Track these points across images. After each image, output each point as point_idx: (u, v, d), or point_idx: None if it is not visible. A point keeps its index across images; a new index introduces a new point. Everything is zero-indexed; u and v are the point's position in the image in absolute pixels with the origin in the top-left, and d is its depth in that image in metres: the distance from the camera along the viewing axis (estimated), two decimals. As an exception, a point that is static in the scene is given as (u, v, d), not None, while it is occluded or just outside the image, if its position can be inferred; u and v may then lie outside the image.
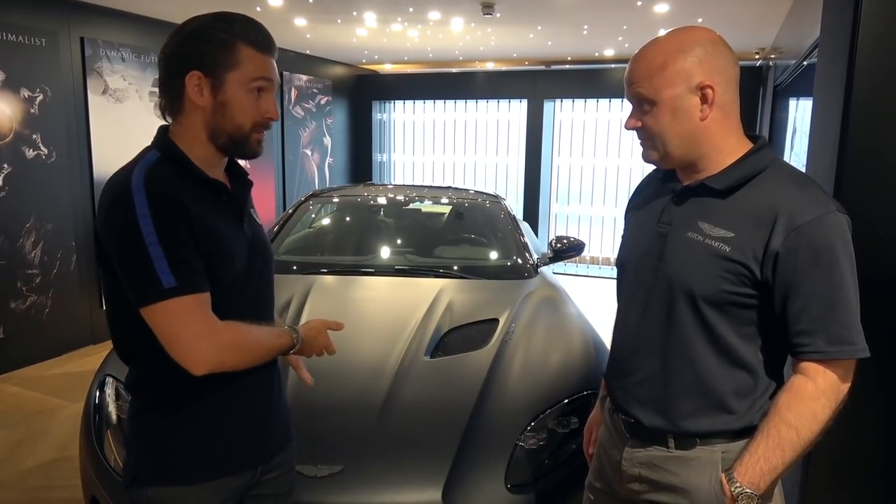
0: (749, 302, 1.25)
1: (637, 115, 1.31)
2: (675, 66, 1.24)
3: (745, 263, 1.23)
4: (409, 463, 1.90)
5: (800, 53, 3.84)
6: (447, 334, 2.51)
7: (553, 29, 5.93)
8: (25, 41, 4.44)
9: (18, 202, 4.47)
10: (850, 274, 1.21)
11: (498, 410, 2.09)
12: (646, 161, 1.36)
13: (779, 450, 1.21)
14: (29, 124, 4.49)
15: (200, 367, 1.17)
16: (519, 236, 3.62)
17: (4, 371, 4.47)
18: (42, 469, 3.18)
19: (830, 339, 1.20)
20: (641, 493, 1.40)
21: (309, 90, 7.74)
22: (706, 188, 1.29)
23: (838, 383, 1.22)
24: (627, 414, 1.40)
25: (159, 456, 1.31)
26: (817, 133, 2.81)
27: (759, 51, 6.79)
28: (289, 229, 3.70)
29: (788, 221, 1.20)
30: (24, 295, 4.56)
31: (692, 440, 1.32)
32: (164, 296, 1.15)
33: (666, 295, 1.32)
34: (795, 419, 1.20)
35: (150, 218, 1.15)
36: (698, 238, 1.28)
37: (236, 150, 1.31)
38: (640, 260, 1.40)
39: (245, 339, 1.25)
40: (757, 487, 1.21)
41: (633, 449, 1.40)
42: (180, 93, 1.25)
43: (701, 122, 1.26)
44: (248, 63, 1.26)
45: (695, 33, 1.27)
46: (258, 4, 4.88)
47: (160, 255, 1.15)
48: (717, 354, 1.29)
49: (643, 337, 1.38)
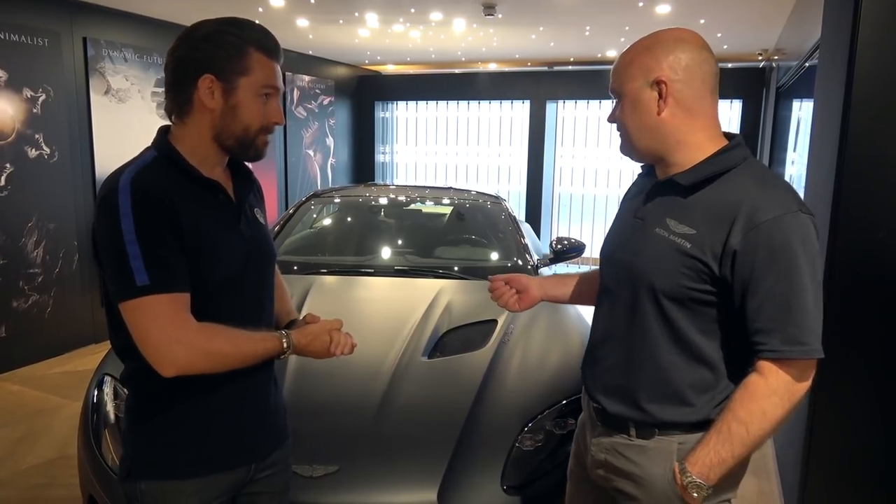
0: (709, 299, 1.27)
1: (613, 110, 1.37)
2: (638, 62, 1.29)
3: (703, 260, 1.25)
4: (405, 463, 1.89)
5: (802, 54, 3.83)
6: (445, 335, 2.50)
7: (555, 30, 5.93)
8: (28, 41, 4.45)
9: (21, 201, 4.48)
10: (809, 275, 1.21)
11: (495, 411, 2.09)
12: (622, 153, 1.41)
13: (728, 444, 1.24)
14: (31, 124, 4.51)
15: (167, 369, 1.19)
16: (519, 237, 3.61)
17: (6, 370, 4.49)
18: (42, 467, 3.19)
19: (785, 338, 1.21)
20: (607, 480, 1.45)
21: (311, 91, 7.75)
22: (674, 184, 1.32)
23: (792, 383, 1.22)
24: (595, 400, 1.46)
25: (152, 450, 1.32)
26: (818, 134, 2.80)
27: (762, 52, 6.77)
28: (289, 229, 3.70)
29: (748, 220, 1.21)
30: (26, 294, 4.57)
31: (651, 430, 1.36)
32: (136, 293, 1.17)
33: (632, 288, 1.36)
34: (746, 416, 1.23)
35: (131, 216, 1.18)
36: (664, 234, 1.31)
37: (242, 152, 1.34)
38: (615, 253, 1.45)
39: (220, 344, 1.24)
40: (706, 478, 1.25)
41: (600, 436, 1.45)
42: (189, 95, 1.27)
43: (658, 117, 1.29)
44: (259, 69, 1.29)
45: (667, 33, 1.31)
46: (260, 5, 4.89)
47: (136, 254, 1.17)
48: (677, 349, 1.32)
49: (611, 327, 1.43)
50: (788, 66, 4.78)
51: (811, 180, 2.90)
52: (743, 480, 1.39)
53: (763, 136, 6.85)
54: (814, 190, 2.78)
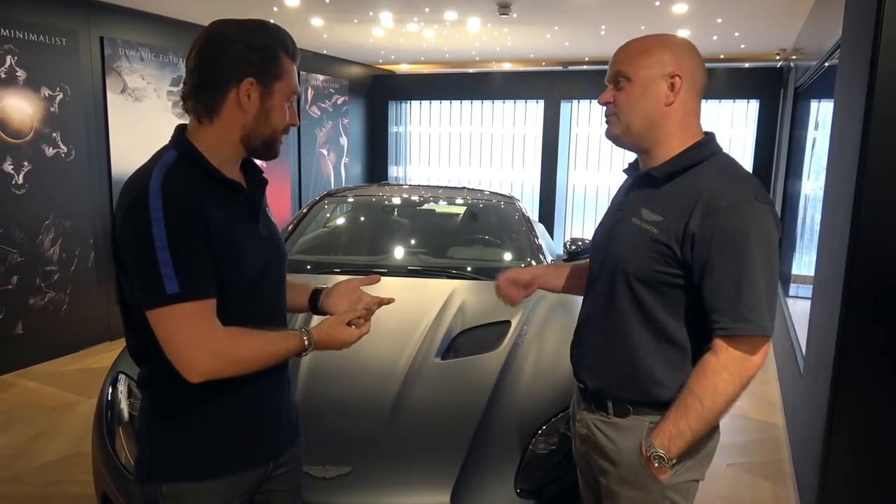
0: (676, 282, 1.38)
1: (611, 92, 1.45)
2: (655, 53, 1.40)
3: (668, 245, 1.36)
4: (417, 465, 1.88)
5: (821, 54, 3.78)
6: (459, 336, 2.49)
7: (570, 29, 5.90)
8: (46, 41, 4.49)
9: (38, 199, 4.52)
10: (761, 258, 1.30)
11: (509, 413, 2.07)
12: (607, 136, 1.50)
13: (685, 417, 1.35)
14: (49, 123, 4.55)
15: (195, 376, 1.19)
16: (533, 238, 3.59)
17: (23, 366, 4.53)
18: (57, 464, 3.21)
19: (734, 317, 1.31)
20: (588, 456, 1.57)
21: (325, 90, 7.76)
22: (649, 177, 1.44)
23: (741, 359, 1.32)
24: (579, 379, 1.58)
25: (173, 453, 1.32)
26: (838, 135, 2.76)
27: (780, 52, 6.70)
28: (303, 229, 3.71)
29: (706, 206, 1.32)
30: (42, 291, 4.62)
31: (626, 408, 1.46)
32: (166, 301, 1.16)
33: (609, 274, 1.48)
34: (700, 390, 1.34)
35: (162, 222, 1.16)
36: (637, 223, 1.43)
37: (265, 152, 1.36)
38: (600, 242, 1.57)
39: (245, 349, 1.25)
40: (667, 450, 1.37)
41: (583, 412, 1.57)
42: (223, 97, 1.27)
43: (665, 107, 1.40)
44: (289, 74, 1.32)
45: (678, 38, 1.44)
46: (275, 4, 4.90)
47: (167, 261, 1.16)
48: (649, 331, 1.42)
49: (592, 310, 1.55)
50: (807, 66, 4.72)
51: (831, 181, 2.86)
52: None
53: (781, 136, 6.77)
54: (834, 191, 2.74)
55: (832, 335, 2.39)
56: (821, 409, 2.51)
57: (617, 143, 1.49)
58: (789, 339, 4.01)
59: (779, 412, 4.02)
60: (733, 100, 7.73)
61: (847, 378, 2.32)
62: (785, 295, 5.01)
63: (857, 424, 2.32)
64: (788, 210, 5.49)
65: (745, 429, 3.80)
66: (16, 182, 4.36)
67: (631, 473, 1.44)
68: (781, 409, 4.04)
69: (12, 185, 4.34)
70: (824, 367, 2.53)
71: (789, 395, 3.79)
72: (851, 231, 2.24)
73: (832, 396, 2.35)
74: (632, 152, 1.53)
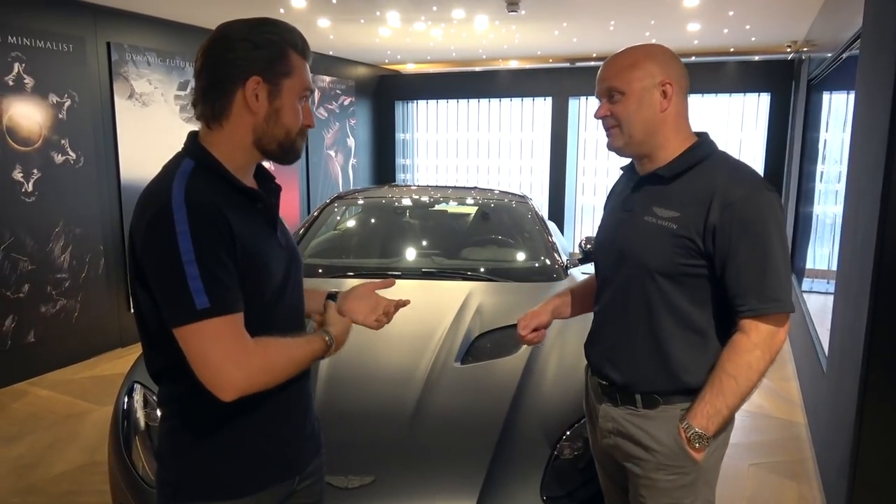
0: (699, 272, 1.45)
1: (607, 106, 1.52)
2: (644, 66, 1.48)
3: (689, 237, 1.43)
4: (441, 473, 1.84)
5: (837, 46, 3.71)
6: (477, 339, 2.45)
7: (579, 25, 5.84)
8: (53, 47, 4.47)
9: (48, 207, 4.50)
10: (778, 243, 1.41)
11: (532, 418, 2.03)
12: (610, 148, 1.57)
13: (721, 395, 1.43)
14: (57, 130, 4.53)
15: (228, 394, 1.14)
16: (547, 237, 3.55)
17: (35, 374, 4.52)
18: (72, 474, 3.19)
19: (761, 298, 1.40)
20: (615, 447, 1.60)
21: (332, 91, 7.73)
22: (657, 177, 1.52)
23: (770, 336, 1.42)
24: (602, 376, 1.62)
25: (201, 472, 1.27)
26: (861, 128, 2.70)
27: (791, 44, 6.62)
28: (314, 232, 3.67)
29: (723, 199, 1.41)
30: (53, 299, 4.60)
31: (655, 399, 1.52)
32: (196, 317, 1.11)
33: (627, 272, 1.53)
34: (734, 369, 1.42)
35: (189, 235, 1.11)
36: (652, 220, 1.49)
37: (283, 156, 1.31)
38: (607, 244, 1.63)
39: (276, 358, 1.21)
40: (706, 429, 1.44)
41: (607, 407, 1.61)
42: (231, 99, 1.23)
43: (661, 113, 1.49)
44: (299, 71, 1.27)
45: (658, 47, 1.53)
46: (282, 6, 4.87)
47: (195, 275, 1.11)
48: (674, 321, 1.48)
49: (610, 309, 1.60)
50: (821, 58, 4.65)
51: (853, 174, 2.80)
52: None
53: (794, 129, 6.70)
54: (857, 184, 2.68)
55: (860, 333, 2.33)
56: (848, 408, 2.45)
57: (620, 154, 1.57)
58: (809, 335, 3.95)
59: (799, 410, 3.96)
60: (744, 93, 7.65)
61: (876, 377, 2.26)
62: (800, 289, 4.94)
63: (887, 425, 2.27)
64: (803, 203, 5.42)
65: (765, 427, 3.74)
66: (25, 190, 4.34)
67: (670, 458, 1.49)
68: (802, 408, 3.97)
69: (22, 192, 4.32)
70: (851, 365, 2.47)
71: (811, 394, 3.73)
72: (879, 225, 2.18)
73: (861, 396, 2.30)
74: (633, 159, 1.61)
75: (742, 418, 3.79)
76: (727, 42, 6.72)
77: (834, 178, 4.60)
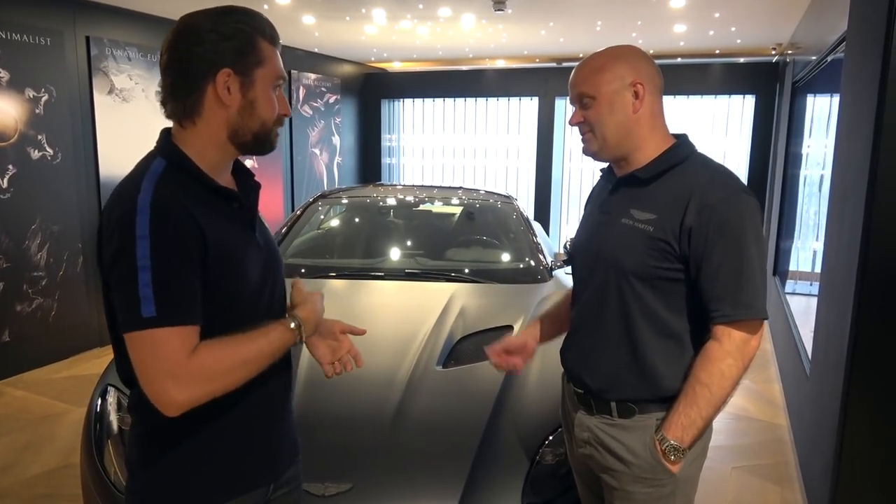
0: (674, 276, 1.42)
1: (580, 112, 1.49)
2: (612, 68, 1.45)
3: (665, 240, 1.40)
4: (421, 479, 1.80)
5: (822, 48, 3.71)
6: (460, 342, 2.41)
7: (565, 25, 5.83)
8: (30, 40, 4.38)
9: (24, 204, 4.41)
10: (755, 248, 1.38)
11: (514, 423, 2.00)
12: (585, 153, 1.54)
13: (695, 406, 1.39)
14: (34, 125, 4.43)
15: (168, 410, 1.08)
16: (532, 238, 3.52)
17: (11, 374, 4.42)
18: (46, 476, 3.12)
19: (735, 303, 1.37)
20: (590, 458, 1.56)
21: (317, 89, 7.67)
22: (635, 178, 1.49)
23: (743, 343, 1.38)
24: (577, 383, 1.58)
25: (168, 482, 1.23)
26: (846, 130, 2.70)
27: (776, 46, 6.65)
28: (297, 231, 3.62)
29: (700, 201, 1.38)
30: (29, 297, 4.51)
31: (630, 408, 1.49)
32: (141, 325, 1.07)
33: (604, 275, 1.50)
34: (707, 378, 1.38)
35: (148, 240, 1.07)
36: (629, 223, 1.46)
37: (258, 147, 1.26)
38: (585, 246, 1.60)
39: (220, 365, 1.13)
40: (681, 440, 1.41)
41: (582, 415, 1.58)
42: (202, 95, 1.18)
43: (633, 115, 1.45)
44: (270, 59, 1.22)
45: (626, 47, 1.50)
46: (265, 2, 4.80)
47: (147, 282, 1.06)
48: (649, 327, 1.45)
49: (587, 313, 1.56)
50: (806, 61, 4.66)
51: (838, 177, 2.80)
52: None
53: (778, 131, 6.73)
54: (841, 187, 2.68)
55: (844, 336, 2.33)
56: (831, 412, 2.44)
57: (596, 158, 1.53)
58: (792, 337, 3.95)
59: (782, 413, 3.96)
60: (729, 95, 7.68)
61: (860, 380, 2.25)
62: (783, 291, 4.95)
63: (871, 428, 2.26)
64: (787, 205, 5.44)
65: (748, 430, 3.74)
66: (0, 186, 4.25)
67: (646, 471, 1.46)
68: (785, 410, 3.98)
69: (-3, 189, 4.23)
70: (834, 368, 2.46)
71: (794, 396, 3.73)
72: (864, 227, 2.18)
73: (844, 399, 2.29)
74: (610, 163, 1.58)
75: (725, 421, 3.79)
76: (712, 44, 6.74)
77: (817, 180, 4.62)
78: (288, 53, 7.11)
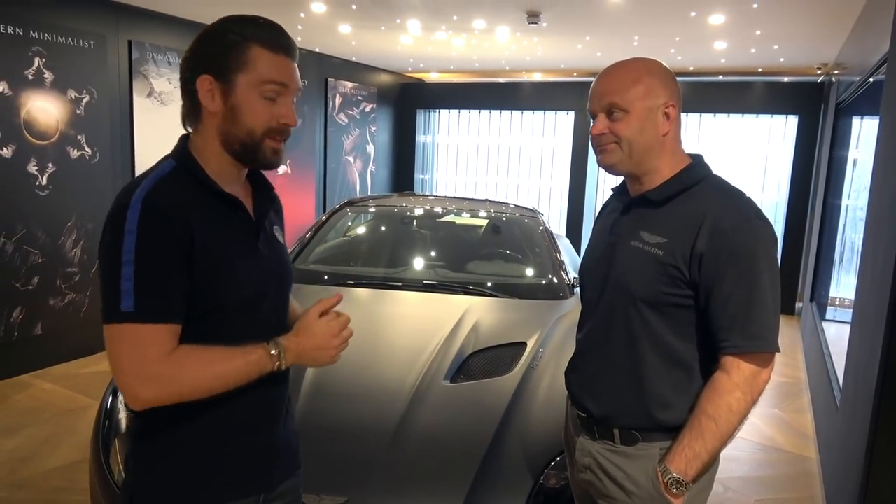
0: (684, 302, 1.37)
1: (605, 122, 1.42)
2: (647, 83, 1.39)
3: (675, 265, 1.35)
4: (418, 497, 1.77)
5: (866, 69, 3.59)
6: (470, 357, 2.37)
7: (602, 40, 5.76)
8: (74, 43, 4.51)
9: (61, 201, 4.53)
10: (768, 276, 1.33)
11: (519, 443, 1.94)
12: (601, 164, 1.48)
13: (700, 438, 1.34)
14: (74, 125, 4.56)
15: (133, 404, 1.12)
16: (555, 254, 3.46)
17: (40, 367, 4.54)
18: (63, 470, 3.17)
19: (745, 334, 1.32)
20: (591, 484, 1.51)
21: (354, 97, 7.73)
22: (646, 200, 1.44)
23: (753, 376, 1.33)
24: (580, 407, 1.54)
25: (156, 480, 1.23)
26: (883, 153, 2.59)
27: (822, 66, 6.46)
28: (321, 237, 3.63)
29: (713, 226, 1.33)
30: (62, 292, 4.62)
31: (633, 436, 1.43)
32: (118, 318, 1.09)
33: (612, 298, 1.45)
34: (714, 410, 1.33)
35: (135, 235, 1.09)
36: (639, 245, 1.41)
37: (250, 158, 1.24)
38: (593, 267, 1.55)
39: (190, 372, 1.13)
40: (685, 474, 1.35)
41: (584, 441, 1.53)
42: (195, 100, 1.20)
43: (661, 136, 1.41)
44: (258, 64, 1.19)
45: (655, 63, 1.44)
46: (302, 10, 4.86)
47: (129, 276, 1.08)
48: (657, 354, 1.40)
49: (594, 337, 1.52)
50: (850, 82, 4.51)
51: (874, 202, 2.68)
52: None
53: (820, 153, 6.53)
54: (877, 212, 2.56)
55: (873, 368, 2.22)
56: (858, 447, 2.33)
57: (611, 172, 1.48)
58: (825, 367, 3.80)
59: (812, 445, 3.80)
60: (771, 115, 7.49)
61: (888, 416, 2.14)
62: (821, 318, 4.78)
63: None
64: (827, 230, 5.26)
65: (776, 462, 3.60)
66: (39, 183, 4.37)
67: (646, 501, 1.41)
68: (815, 443, 3.82)
69: (36, 186, 4.35)
70: (863, 401, 2.35)
71: (824, 429, 3.58)
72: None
73: (871, 435, 2.18)
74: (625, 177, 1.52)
75: (751, 451, 3.66)
76: (755, 62, 6.58)
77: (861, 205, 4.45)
78: (325, 61, 7.19)
